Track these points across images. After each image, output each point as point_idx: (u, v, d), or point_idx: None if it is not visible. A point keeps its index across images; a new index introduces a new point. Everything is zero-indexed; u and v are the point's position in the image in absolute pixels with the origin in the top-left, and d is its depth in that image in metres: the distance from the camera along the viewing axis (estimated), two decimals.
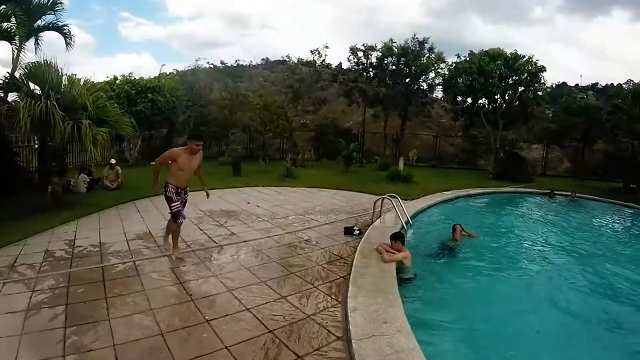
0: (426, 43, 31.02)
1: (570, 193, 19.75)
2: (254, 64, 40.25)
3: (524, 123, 31.83)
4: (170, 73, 34.72)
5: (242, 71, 40.11)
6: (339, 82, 35.98)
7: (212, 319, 5.22)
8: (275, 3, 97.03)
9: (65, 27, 15.31)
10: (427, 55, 31.06)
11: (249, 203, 13.44)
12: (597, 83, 45.24)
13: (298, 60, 37.16)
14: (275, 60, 51.44)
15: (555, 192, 19.71)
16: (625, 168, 23.99)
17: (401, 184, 19.03)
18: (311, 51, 36.61)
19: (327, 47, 43.37)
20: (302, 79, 35.62)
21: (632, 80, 33.14)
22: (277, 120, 28.14)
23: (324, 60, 36.84)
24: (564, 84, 43.35)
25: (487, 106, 30.50)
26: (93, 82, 14.39)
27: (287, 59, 38.71)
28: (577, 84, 46.68)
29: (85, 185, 15.13)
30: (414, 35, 31.09)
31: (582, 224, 14.71)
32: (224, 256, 8.10)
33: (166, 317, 5.28)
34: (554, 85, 39.57)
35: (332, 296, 6.13)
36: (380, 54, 31.34)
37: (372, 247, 8.10)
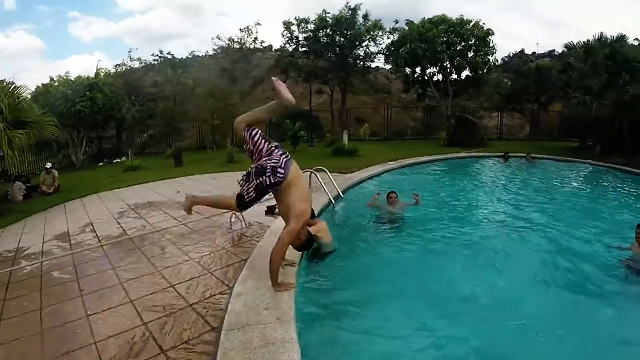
0: (359, 10, 29.84)
1: (525, 154, 19.60)
2: (210, 53, 39.14)
3: (476, 89, 31.72)
4: (112, 69, 33.43)
5: (197, 61, 39.00)
6: (275, 60, 35.29)
7: (93, 314, 4.99)
8: None
9: None
10: (361, 23, 30.00)
11: (177, 192, 12.81)
12: (554, 50, 45.41)
13: (229, 40, 36.25)
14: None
15: (510, 154, 19.52)
16: (580, 126, 23.97)
17: (345, 158, 18.55)
18: (240, 29, 35.83)
19: (258, 24, 42.61)
20: (235, 60, 34.78)
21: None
22: (223, 107, 27.30)
23: (255, 38, 36.02)
24: (522, 51, 43.46)
25: (437, 74, 30.29)
26: (12, 83, 13.56)
27: (219, 40, 37.59)
28: (533, 52, 46.85)
29: (23, 193, 14.65)
30: (347, 3, 29.86)
31: (536, 183, 14.52)
32: (129, 248, 7.67)
33: (52, 314, 5.11)
34: (511, 54, 39.72)
35: (225, 282, 5.56)
36: (314, 26, 30.10)
37: None
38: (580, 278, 6.32)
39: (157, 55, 35.95)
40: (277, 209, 8.93)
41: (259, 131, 5.19)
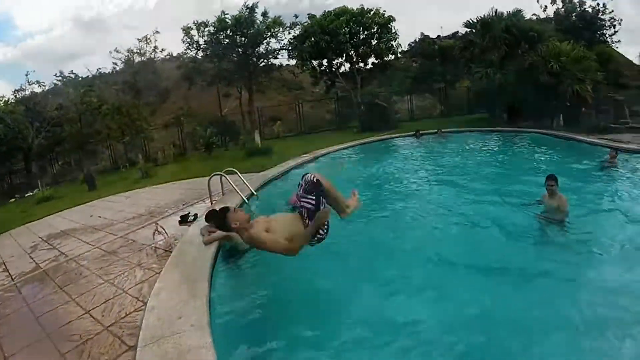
0: (257, 8, 29.85)
1: (436, 130, 20.24)
2: (117, 69, 37.75)
3: (385, 75, 32.47)
4: (11, 95, 31.68)
5: (102, 79, 37.60)
6: (177, 67, 34.74)
7: (12, 355, 4.83)
8: (128, 1, 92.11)
9: None
10: (260, 21, 30.04)
11: (91, 216, 12.47)
12: (457, 32, 46.52)
13: (128, 51, 35.32)
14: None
15: (422, 132, 20.09)
16: (487, 97, 25.03)
17: (259, 158, 18.55)
18: (138, 39, 34.98)
19: (157, 32, 41.77)
20: (138, 72, 34.00)
21: None
22: (133, 122, 26.61)
23: (155, 47, 35.29)
24: (426, 36, 44.44)
25: (344, 64, 30.75)
26: None
27: (117, 52, 36.45)
28: (438, 35, 47.97)
29: None
30: (245, 3, 29.83)
31: (449, 156, 15.08)
32: (43, 282, 7.39)
33: None
34: (417, 40, 40.71)
35: (140, 298, 5.52)
36: (213, 28, 29.81)
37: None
38: (502, 240, 6.82)
39: (59, 76, 34.56)
40: (190, 217, 8.96)
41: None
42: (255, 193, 10.57)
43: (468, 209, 8.42)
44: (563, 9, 31.89)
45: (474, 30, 24.14)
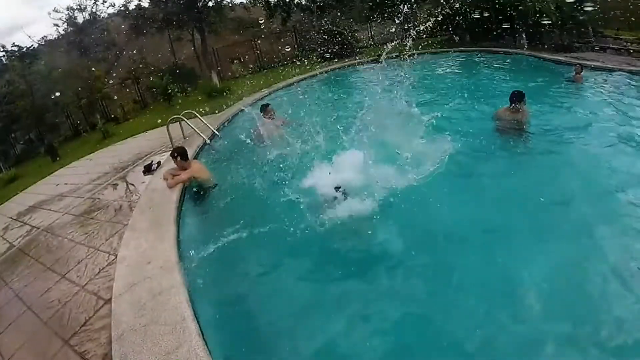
0: None
1: (397, 53, 19.88)
2: (62, 32, 36.02)
3: (340, 2, 31.64)
4: None
5: (50, 46, 36.04)
6: (123, 18, 33.39)
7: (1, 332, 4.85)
8: None
9: None
10: None
11: (57, 185, 12.27)
12: None
13: (68, 9, 33.40)
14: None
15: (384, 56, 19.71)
16: (450, 20, 24.55)
17: (218, 99, 18.19)
18: None
19: None
20: (82, 29, 32.67)
21: None
22: (87, 83, 25.74)
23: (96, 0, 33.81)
24: None
25: None
26: None
27: (56, 12, 34.21)
28: None
29: None
30: None
31: (413, 79, 14.84)
32: (18, 258, 7.30)
33: None
34: None
35: (112, 252, 5.50)
36: None
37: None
38: (465, 154, 6.78)
39: (1, 50, 33.09)
40: (154, 166, 8.80)
41: None
42: (217, 133, 10.37)
43: (435, 124, 8.29)
44: None
45: None
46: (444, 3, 21.00)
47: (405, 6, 30.62)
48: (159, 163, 9.00)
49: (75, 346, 3.90)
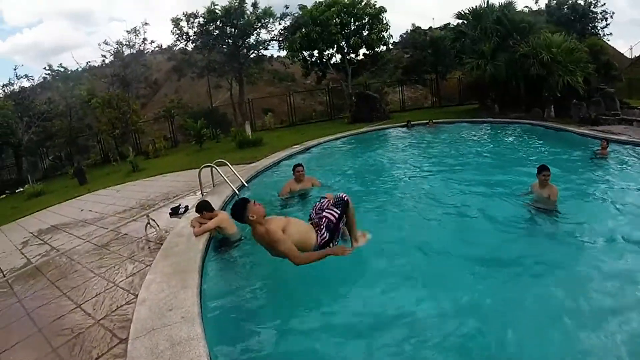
0: None
1: (427, 121, 20.26)
2: (106, 62, 37.39)
3: (376, 66, 32.43)
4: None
5: (91, 72, 37.23)
6: (167, 59, 34.44)
7: (3, 351, 4.76)
8: None
9: None
10: (251, 12, 29.62)
11: (82, 210, 12.43)
12: (449, 23, 46.21)
13: (117, 43, 34.51)
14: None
15: (413, 122, 20.10)
16: (478, 88, 25.02)
17: (250, 149, 18.55)
18: (127, 31, 34.60)
19: (146, 23, 41.51)
20: (127, 64, 33.73)
21: None
22: (123, 115, 26.36)
23: (145, 39, 34.96)
24: (417, 27, 44.26)
25: (335, 55, 30.66)
26: None
27: (106, 45, 35.19)
28: (430, 27, 47.75)
29: None
30: None
31: (440, 147, 15.08)
32: (34, 277, 7.37)
33: None
34: (408, 31, 40.54)
35: (131, 291, 5.50)
36: (203, 19, 29.35)
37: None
38: (491, 229, 6.80)
39: (47, 70, 34.21)
40: (181, 210, 8.92)
41: None
42: (246, 184, 10.52)
43: (458, 199, 8.39)
44: (555, 1, 31.96)
45: (465, 22, 24.07)
46: (475, 71, 21.25)
47: (435, 74, 31.57)
48: (186, 207, 9.09)
49: None
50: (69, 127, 28.81)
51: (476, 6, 23.26)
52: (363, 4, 28.74)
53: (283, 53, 32.30)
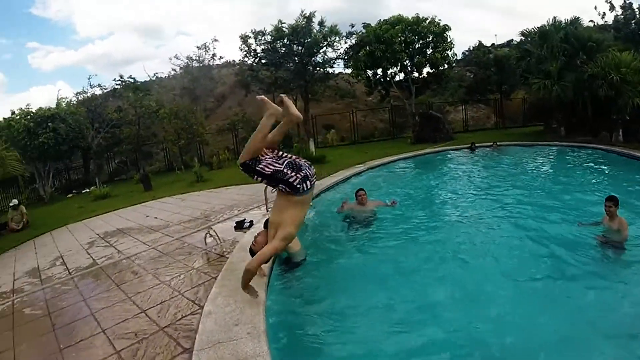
0: (314, 17, 29.34)
1: (491, 143, 19.85)
2: (172, 74, 38.76)
3: (439, 85, 32.08)
4: (73, 97, 32.56)
5: (159, 83, 38.53)
6: (235, 74, 35.03)
7: (66, 347, 4.92)
8: (185, 8, 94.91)
9: None
10: (317, 30, 29.52)
11: (147, 217, 12.70)
12: (512, 40, 45.52)
13: (187, 58, 35.60)
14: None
15: (477, 144, 19.73)
16: (543, 110, 24.35)
17: (313, 166, 18.35)
18: (197, 47, 35.42)
19: (216, 40, 42.51)
20: (196, 78, 34.65)
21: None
22: (189, 126, 26.95)
23: (214, 54, 35.81)
24: (480, 44, 43.74)
25: (398, 74, 30.50)
26: None
27: (177, 59, 36.50)
28: (493, 44, 47.15)
29: None
30: (302, 12, 29.35)
31: (505, 170, 14.72)
32: (100, 278, 7.58)
33: (25, 352, 5.08)
34: (471, 48, 39.95)
35: (196, 302, 5.52)
36: (271, 37, 29.61)
37: None
38: (556, 259, 6.48)
39: (118, 80, 35.53)
40: (246, 224, 8.94)
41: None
42: (310, 202, 10.47)
43: (522, 225, 8.14)
44: (622, 16, 30.59)
45: (530, 40, 23.49)
46: (541, 91, 20.60)
47: (499, 93, 30.80)
48: (251, 222, 9.13)
49: None
50: (137, 135, 29.63)
51: (543, 25, 22.53)
52: (427, 22, 28.49)
53: (347, 70, 32.37)
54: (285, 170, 5.17)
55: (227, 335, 4.22)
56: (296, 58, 29.43)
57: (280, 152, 5.37)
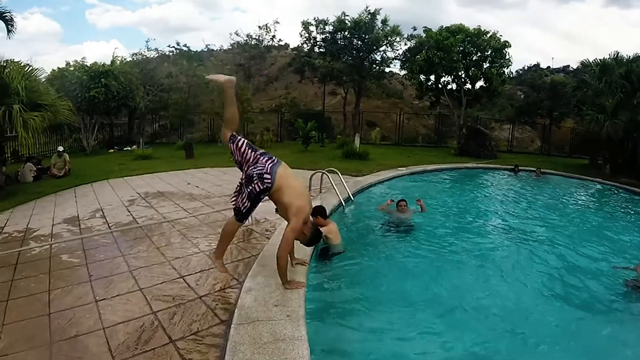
0: (378, 14, 29.19)
1: (535, 169, 19.50)
2: (225, 47, 39.16)
3: (489, 100, 31.63)
4: (129, 57, 33.15)
5: (211, 55, 38.99)
6: (291, 58, 35.11)
7: (102, 299, 4.99)
8: None
9: (6, 14, 14.46)
10: (379, 27, 29.35)
11: (188, 184, 12.86)
12: (569, 65, 44.68)
13: (247, 36, 35.76)
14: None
15: (521, 167, 19.41)
16: (591, 144, 23.82)
17: (356, 161, 18.48)
18: (259, 27, 35.55)
19: (277, 22, 42.76)
20: (253, 57, 34.93)
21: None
22: (240, 102, 27.08)
23: (274, 36, 36.00)
24: (537, 65, 43.07)
25: (451, 83, 30.21)
26: (29, 65, 13.47)
27: (237, 35, 36.58)
28: (548, 66, 46.40)
29: (33, 175, 14.63)
30: (367, 7, 29.27)
31: (545, 198, 14.39)
32: (139, 237, 7.70)
33: (60, 297, 5.10)
34: (526, 67, 39.36)
35: (235, 276, 5.56)
36: (332, 28, 29.66)
37: None
38: (585, 295, 6.32)
39: (173, 46, 35.99)
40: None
41: (245, 141, 5.22)
42: (352, 197, 10.48)
43: (552, 258, 7.92)
44: None
45: (589, 71, 22.91)
46: (592, 125, 20.10)
47: (549, 119, 30.18)
48: None
49: (182, 349, 3.90)
50: (185, 102, 29.93)
51: (604, 58, 21.88)
52: (489, 35, 28.13)
53: (402, 72, 32.15)
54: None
55: (266, 315, 4.25)
56: (354, 52, 29.33)
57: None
